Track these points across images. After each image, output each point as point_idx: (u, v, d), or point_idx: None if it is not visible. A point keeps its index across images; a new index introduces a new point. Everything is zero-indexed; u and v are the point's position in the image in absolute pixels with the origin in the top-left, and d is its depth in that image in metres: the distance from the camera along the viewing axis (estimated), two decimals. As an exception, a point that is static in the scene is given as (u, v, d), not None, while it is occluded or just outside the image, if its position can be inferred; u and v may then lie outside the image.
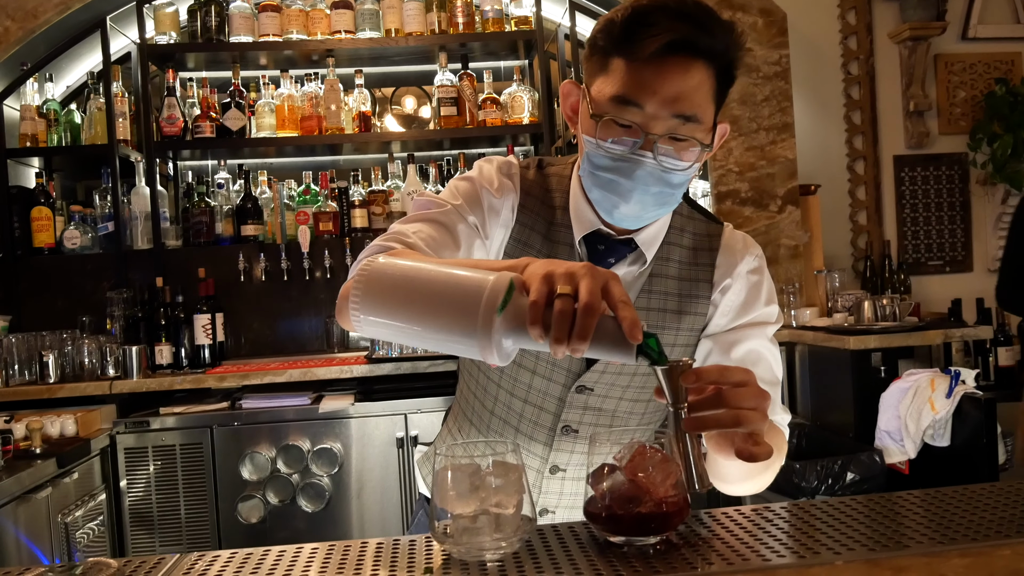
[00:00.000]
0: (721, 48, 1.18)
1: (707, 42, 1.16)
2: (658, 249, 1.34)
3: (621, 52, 1.18)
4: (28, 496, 2.48)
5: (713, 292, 1.36)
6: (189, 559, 1.04)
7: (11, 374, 3.25)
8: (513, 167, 1.38)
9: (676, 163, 1.19)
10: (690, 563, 0.92)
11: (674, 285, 1.35)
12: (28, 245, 3.66)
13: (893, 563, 0.90)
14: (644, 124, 1.17)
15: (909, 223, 4.45)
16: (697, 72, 1.17)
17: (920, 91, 4.35)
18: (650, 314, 1.33)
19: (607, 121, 1.19)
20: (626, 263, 1.33)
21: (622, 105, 1.18)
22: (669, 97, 1.16)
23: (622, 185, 1.21)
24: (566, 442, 1.37)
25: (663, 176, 1.20)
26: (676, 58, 1.15)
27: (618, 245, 1.32)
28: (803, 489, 2.91)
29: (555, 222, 1.35)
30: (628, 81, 1.17)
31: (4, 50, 3.59)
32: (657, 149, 1.18)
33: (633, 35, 1.16)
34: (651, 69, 1.15)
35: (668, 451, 0.98)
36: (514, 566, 0.94)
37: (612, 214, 1.27)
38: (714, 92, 1.20)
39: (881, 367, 3.33)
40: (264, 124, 3.80)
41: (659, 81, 1.15)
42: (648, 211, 1.25)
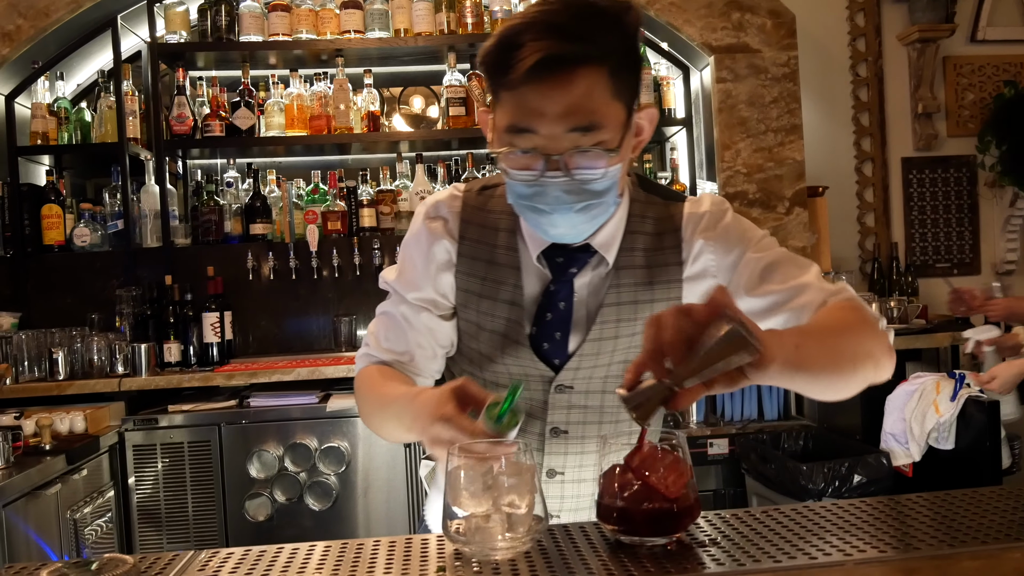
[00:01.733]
0: (599, 48, 1.12)
1: (578, 49, 1.11)
2: (621, 242, 1.32)
3: (500, 82, 1.16)
4: (38, 492, 2.50)
5: (684, 267, 1.33)
6: (202, 556, 1.05)
7: (21, 371, 3.26)
8: (442, 207, 1.38)
9: (591, 173, 1.16)
10: (701, 563, 0.93)
11: (643, 274, 1.33)
12: (38, 242, 3.68)
13: (904, 565, 0.90)
14: (544, 147, 1.14)
15: (917, 225, 4.45)
16: (582, 80, 1.12)
17: (929, 93, 4.35)
18: (620, 308, 1.32)
19: (508, 153, 1.17)
20: (589, 268, 1.32)
21: (517, 134, 1.16)
22: (558, 114, 1.12)
23: (542, 209, 1.19)
24: (558, 444, 1.37)
25: (583, 188, 1.17)
26: (552, 74, 1.11)
27: (577, 254, 1.31)
28: (809, 491, 2.91)
29: (499, 245, 1.34)
30: (514, 109, 1.15)
31: (16, 48, 3.61)
32: (565, 166, 1.15)
33: (505, 62, 1.12)
34: (532, 92, 1.12)
35: None
36: (526, 565, 0.94)
37: (549, 235, 1.26)
38: (613, 89, 1.15)
39: (888, 369, 3.32)
40: (273, 123, 3.81)
41: (542, 102, 1.12)
42: (580, 225, 1.23)
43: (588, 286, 1.33)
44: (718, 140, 3.96)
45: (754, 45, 3.95)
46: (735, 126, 3.95)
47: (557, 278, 1.32)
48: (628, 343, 1.33)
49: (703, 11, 3.92)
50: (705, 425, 3.57)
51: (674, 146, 4.21)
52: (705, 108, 4.09)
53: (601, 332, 1.32)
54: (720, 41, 3.94)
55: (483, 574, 0.92)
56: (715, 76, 3.95)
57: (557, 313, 1.32)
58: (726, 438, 3.48)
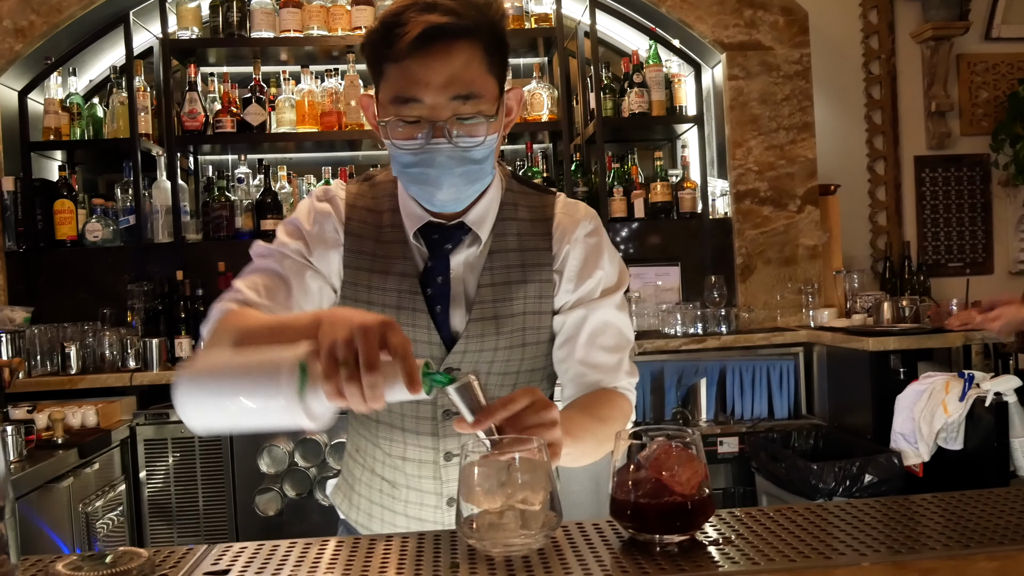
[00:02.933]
0: (474, 23, 1.24)
1: (456, 23, 1.22)
2: (494, 226, 1.40)
3: (386, 57, 1.25)
4: (50, 486, 2.51)
5: (555, 261, 1.42)
6: (216, 550, 1.05)
7: (33, 365, 3.28)
8: (330, 192, 1.46)
9: (471, 140, 1.26)
10: (715, 562, 0.93)
11: (516, 257, 1.41)
12: (51, 237, 3.69)
13: (919, 565, 0.90)
14: (428, 115, 1.24)
15: (929, 224, 4.43)
16: (460, 52, 1.23)
17: (942, 91, 4.33)
18: (495, 288, 1.38)
19: (394, 122, 1.26)
20: (464, 246, 1.39)
21: (403, 104, 1.25)
22: (440, 84, 1.23)
23: (430, 175, 1.28)
24: (451, 427, 1.37)
25: (464, 155, 1.27)
26: (434, 46, 1.22)
27: (452, 231, 1.38)
28: (820, 490, 2.91)
29: (383, 225, 1.42)
30: (399, 81, 1.24)
31: (29, 44, 3.63)
32: (449, 132, 1.24)
33: (390, 37, 1.22)
34: (416, 63, 1.23)
35: None
36: (540, 562, 0.94)
37: (433, 202, 1.34)
38: (487, 64, 1.27)
39: (900, 369, 3.31)
40: (284, 119, 3.82)
41: (426, 72, 1.23)
42: (464, 190, 1.32)
43: (464, 264, 1.40)
44: (729, 138, 3.95)
45: (766, 42, 3.94)
46: (747, 124, 3.94)
47: (433, 254, 1.39)
48: (509, 326, 1.39)
49: (715, 8, 3.91)
50: (715, 423, 3.57)
51: (685, 144, 4.20)
52: (716, 105, 4.08)
53: (482, 312, 1.37)
54: (732, 38, 3.92)
55: (497, 571, 0.92)
56: (727, 73, 3.94)
57: (435, 288, 1.38)
58: (736, 436, 3.47)
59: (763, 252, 3.94)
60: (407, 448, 1.42)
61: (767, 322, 3.90)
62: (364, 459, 1.50)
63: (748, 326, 3.82)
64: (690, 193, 3.98)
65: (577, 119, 4.13)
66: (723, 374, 3.63)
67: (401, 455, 1.43)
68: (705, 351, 3.57)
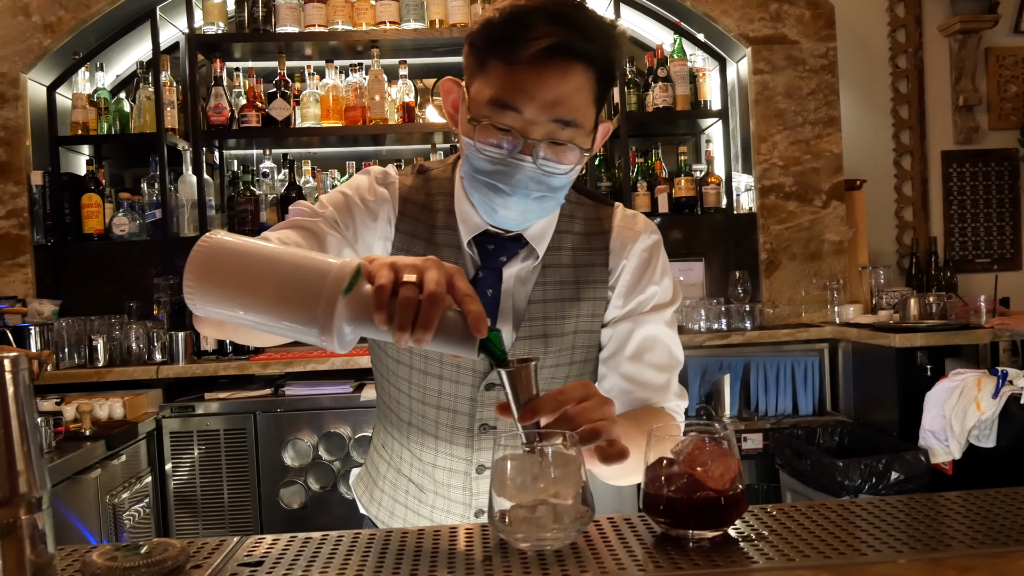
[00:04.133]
0: (600, 51, 1.16)
1: (585, 46, 1.14)
2: (550, 239, 1.33)
3: (498, 54, 1.16)
4: (78, 477, 2.53)
5: (610, 277, 1.35)
6: (249, 542, 1.05)
7: (61, 357, 3.31)
8: (390, 176, 1.36)
9: (556, 167, 1.18)
10: (750, 558, 0.92)
11: (569, 273, 1.34)
12: (78, 231, 3.73)
13: (957, 563, 0.89)
14: (522, 128, 1.16)
15: (956, 220, 4.39)
16: (576, 76, 1.15)
17: (970, 85, 4.28)
18: (546, 305, 1.32)
19: (485, 125, 1.18)
20: (518, 260, 1.32)
21: (500, 109, 1.16)
22: (547, 102, 1.15)
23: (502, 189, 1.20)
24: (486, 440, 1.35)
25: (543, 180, 1.19)
26: (554, 62, 1.14)
27: (508, 243, 1.31)
28: (846, 487, 2.89)
29: (437, 226, 1.33)
30: (506, 84, 1.16)
31: (57, 39, 3.66)
32: (536, 153, 1.17)
33: (511, 37, 1.14)
34: (529, 73, 1.14)
35: None
36: (572, 556, 0.94)
37: (493, 216, 1.26)
38: (594, 95, 1.19)
39: (927, 365, 3.29)
40: (309, 114, 3.83)
41: (537, 86, 1.14)
42: (530, 214, 1.25)
43: (516, 278, 1.33)
44: (754, 132, 3.92)
45: (792, 36, 3.91)
46: (772, 118, 3.92)
47: (486, 264, 1.31)
48: (558, 345, 1.33)
49: (740, 2, 3.89)
50: (739, 419, 3.55)
51: (709, 139, 4.18)
52: (741, 100, 4.05)
53: (530, 330, 1.31)
54: (757, 32, 3.90)
55: (530, 565, 0.92)
56: (752, 68, 3.91)
57: (485, 300, 1.30)
58: (760, 433, 3.46)
59: (788, 247, 3.91)
60: (438, 455, 1.38)
61: (791, 318, 3.88)
62: (391, 457, 1.46)
63: (772, 322, 3.80)
64: (714, 188, 3.96)
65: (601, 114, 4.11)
66: (747, 370, 3.61)
67: (432, 461, 1.39)
68: (729, 347, 3.56)
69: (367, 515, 1.52)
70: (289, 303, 0.91)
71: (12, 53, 3.64)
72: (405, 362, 1.36)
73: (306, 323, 0.90)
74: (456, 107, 1.27)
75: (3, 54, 3.63)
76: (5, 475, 0.87)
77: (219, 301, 0.95)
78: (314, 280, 0.89)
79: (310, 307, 0.89)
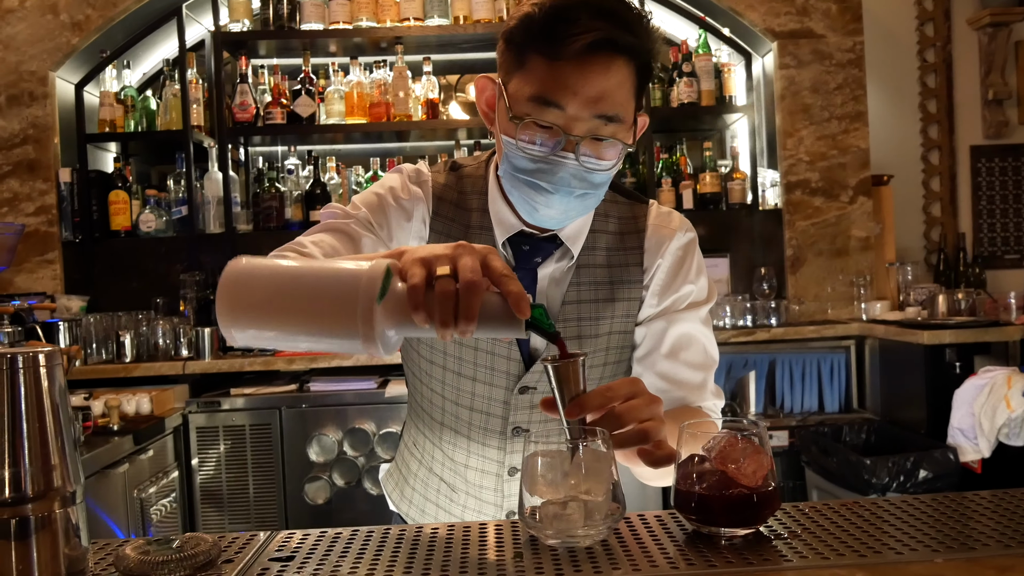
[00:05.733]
0: (641, 44, 1.15)
1: (628, 39, 1.13)
2: (585, 239, 1.32)
3: (540, 50, 1.14)
4: (106, 472, 2.56)
5: (645, 276, 1.34)
6: (280, 537, 1.06)
7: (89, 353, 3.35)
8: (423, 174, 1.34)
9: (598, 163, 1.17)
10: (783, 556, 0.91)
11: (603, 273, 1.32)
12: (106, 228, 3.76)
13: (995, 562, 0.88)
14: (565, 125, 1.14)
15: (985, 215, 4.33)
16: (618, 71, 1.14)
17: (1000, 79, 4.22)
18: (581, 306, 1.30)
19: (528, 123, 1.16)
20: (553, 260, 1.31)
21: (542, 106, 1.14)
22: (591, 97, 1.13)
23: (544, 187, 1.18)
24: (519, 443, 1.34)
25: (586, 176, 1.17)
26: (598, 57, 1.12)
27: (543, 243, 1.30)
28: (873, 485, 2.86)
29: (472, 225, 1.31)
30: (548, 81, 1.14)
31: (85, 38, 3.69)
32: (579, 150, 1.15)
33: (553, 32, 1.12)
34: (572, 68, 1.12)
35: None
36: (604, 553, 0.94)
37: (534, 215, 1.24)
38: (635, 89, 1.18)
39: (956, 363, 3.25)
40: (333, 111, 3.84)
41: (581, 81, 1.12)
42: (571, 211, 1.23)
43: (550, 278, 1.31)
44: (780, 127, 3.89)
45: (818, 30, 3.87)
46: (798, 113, 3.88)
47: (521, 266, 1.30)
48: (592, 347, 1.31)
49: (766, -4, 3.86)
50: (764, 417, 3.53)
51: (734, 134, 4.15)
52: (767, 95, 4.02)
53: (565, 330, 1.30)
54: (783, 26, 3.87)
55: (561, 561, 0.92)
56: (778, 62, 3.88)
57: None
58: (786, 430, 3.43)
59: (814, 244, 3.88)
60: (470, 456, 1.38)
61: (818, 314, 3.85)
62: (423, 456, 1.45)
63: (798, 319, 3.77)
64: (739, 184, 3.94)
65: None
66: (773, 367, 3.59)
67: (464, 462, 1.39)
68: (755, 343, 3.54)
69: (397, 512, 1.51)
70: (326, 321, 0.89)
71: (41, 51, 3.67)
72: (439, 363, 1.35)
73: (348, 337, 0.88)
74: (491, 105, 1.25)
75: (32, 52, 3.67)
76: (40, 470, 0.88)
77: (255, 330, 0.93)
78: (346, 292, 0.86)
79: (348, 321, 0.86)
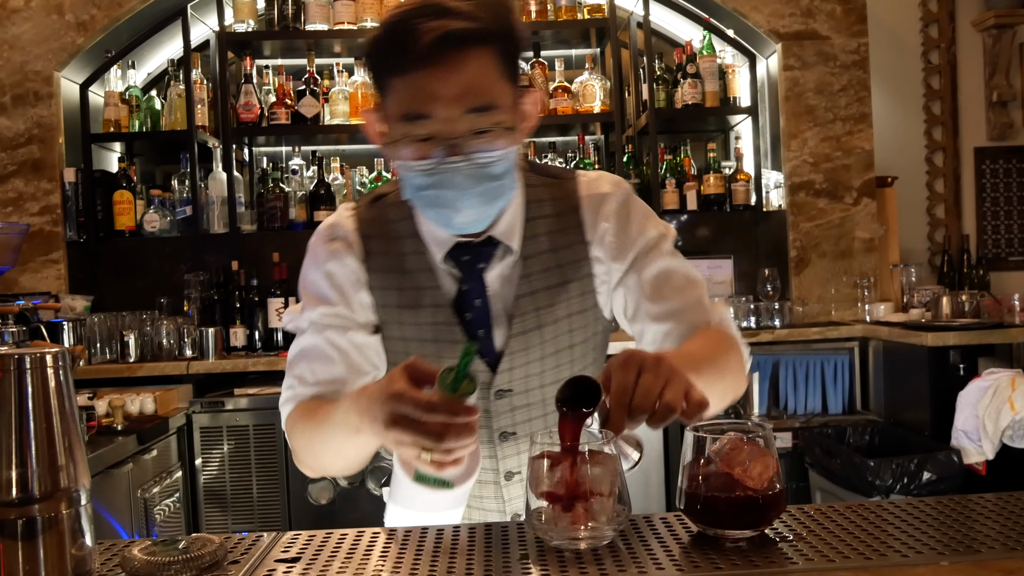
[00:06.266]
0: (489, 26, 1.13)
1: (470, 26, 1.11)
2: (523, 229, 1.30)
3: (392, 69, 1.14)
4: (110, 471, 2.55)
5: (592, 249, 1.32)
6: (285, 538, 1.06)
7: (93, 352, 3.35)
8: (338, 228, 1.33)
9: (489, 155, 1.16)
10: (789, 558, 0.91)
11: (551, 259, 1.31)
12: (110, 228, 3.77)
13: (1001, 565, 0.88)
14: (441, 131, 1.13)
15: (989, 217, 4.33)
16: (474, 60, 1.12)
17: (1004, 81, 4.22)
18: (536, 296, 1.29)
19: (405, 141, 1.15)
20: (497, 260, 1.30)
21: (413, 121, 1.14)
22: (455, 96, 1.12)
23: (446, 196, 1.17)
24: (509, 447, 1.34)
25: (483, 172, 1.16)
26: (447, 55, 1.11)
27: (481, 248, 1.29)
28: (877, 487, 2.86)
29: (406, 252, 1.31)
30: (409, 95, 1.13)
31: (90, 38, 3.70)
32: (465, 149, 1.14)
33: (397, 48, 1.12)
34: (426, 75, 1.11)
35: None
36: (609, 554, 0.94)
37: (452, 225, 1.23)
38: (502, 69, 1.16)
39: (960, 365, 3.24)
40: (337, 111, 3.85)
41: (438, 85, 1.12)
42: (486, 210, 1.22)
43: (500, 279, 1.30)
44: (784, 129, 3.89)
45: (823, 32, 3.87)
46: (802, 115, 3.88)
47: (467, 276, 1.29)
48: (553, 332, 1.31)
49: (771, -3, 3.86)
50: (768, 418, 3.52)
51: (739, 135, 4.15)
52: (771, 96, 4.02)
53: (523, 325, 1.29)
54: (788, 28, 3.86)
55: (566, 563, 0.92)
56: (782, 64, 3.88)
57: (475, 311, 1.29)
58: (789, 431, 3.43)
59: (818, 245, 3.88)
60: None
61: (821, 316, 3.84)
62: None
63: (802, 320, 3.77)
64: (743, 185, 3.94)
65: (629, 110, 4.10)
66: (776, 368, 3.58)
67: None
68: (758, 345, 3.53)
69: None
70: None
71: (46, 51, 3.68)
72: None
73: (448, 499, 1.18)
74: (382, 135, 1.23)
75: (37, 52, 3.67)
76: (47, 470, 0.88)
77: None
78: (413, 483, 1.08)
79: (436, 495, 1.14)
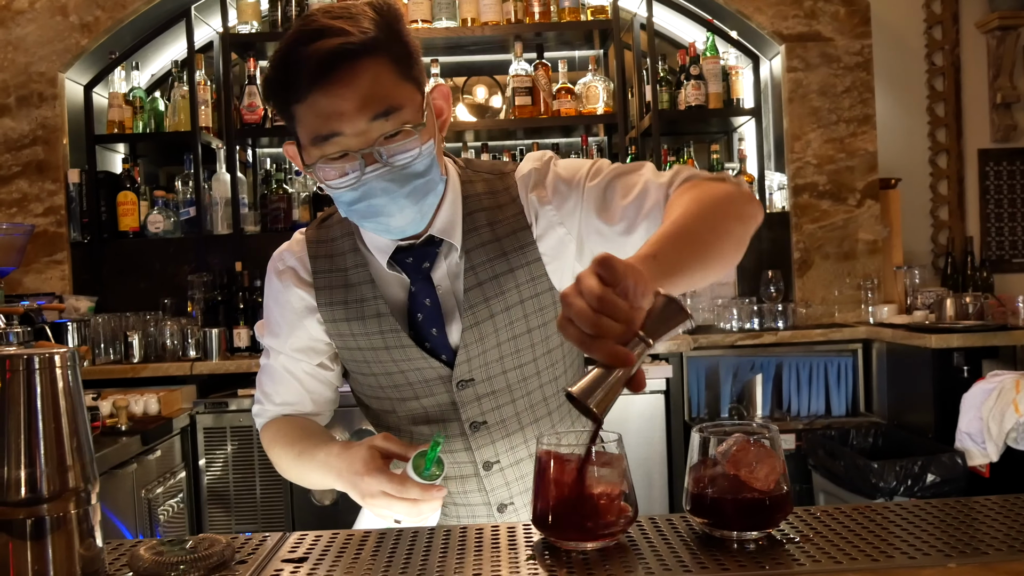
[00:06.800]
0: (371, 35, 1.16)
1: (350, 41, 1.14)
2: (463, 224, 1.32)
3: (291, 99, 1.17)
4: (114, 472, 2.56)
5: (536, 230, 1.33)
6: (292, 538, 1.06)
7: (97, 353, 3.35)
8: (287, 256, 1.41)
9: (407, 155, 1.18)
10: (796, 560, 0.91)
11: (495, 248, 1.32)
12: (114, 228, 3.77)
13: (1009, 567, 0.88)
14: (352, 145, 1.16)
15: (993, 219, 4.33)
16: (365, 70, 1.15)
17: (1008, 82, 4.21)
18: (484, 287, 1.31)
19: (322, 163, 1.18)
20: (441, 258, 1.32)
21: (324, 143, 1.17)
22: (355, 109, 1.14)
23: (377, 205, 1.20)
24: (482, 437, 1.36)
25: (405, 173, 1.19)
26: (335, 74, 1.14)
27: (423, 248, 1.31)
28: (880, 489, 2.86)
29: (348, 267, 1.36)
30: (312, 120, 1.16)
31: (94, 39, 3.70)
32: (380, 156, 1.17)
33: (289, 79, 1.16)
34: (322, 96, 1.14)
35: None
36: (616, 555, 0.94)
37: (390, 231, 1.27)
38: (398, 71, 1.18)
39: (964, 367, 3.24)
40: (341, 112, 3.84)
41: (336, 102, 1.14)
42: (421, 208, 1.24)
43: (447, 276, 1.33)
44: (788, 130, 3.89)
45: (826, 33, 3.87)
46: (806, 116, 3.88)
47: (414, 278, 1.32)
48: (507, 319, 1.32)
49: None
50: (771, 420, 3.52)
51: (742, 137, 4.15)
52: (775, 98, 4.02)
53: (475, 317, 1.31)
54: (791, 29, 3.86)
55: (573, 564, 0.92)
56: (786, 65, 3.88)
57: (426, 311, 1.32)
58: (792, 433, 3.43)
59: (821, 247, 3.88)
60: None
61: (825, 318, 3.84)
62: None
63: (805, 322, 3.77)
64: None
65: (633, 112, 4.10)
66: (779, 370, 3.58)
67: None
68: (761, 346, 3.53)
69: None
70: None
71: (50, 53, 3.69)
72: (380, 395, 1.41)
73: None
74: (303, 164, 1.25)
75: (41, 54, 3.68)
76: (55, 470, 0.88)
77: None
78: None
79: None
